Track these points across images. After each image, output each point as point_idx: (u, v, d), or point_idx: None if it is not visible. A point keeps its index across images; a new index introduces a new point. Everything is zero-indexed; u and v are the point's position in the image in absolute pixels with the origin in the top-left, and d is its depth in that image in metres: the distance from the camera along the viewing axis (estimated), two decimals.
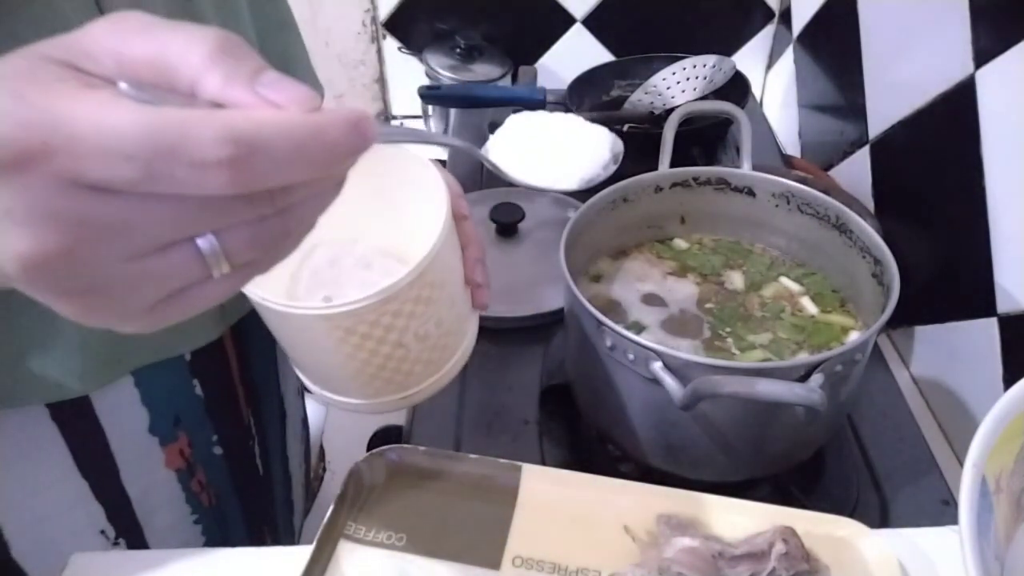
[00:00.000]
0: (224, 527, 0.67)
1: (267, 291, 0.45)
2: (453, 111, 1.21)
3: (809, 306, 0.71)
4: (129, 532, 0.60)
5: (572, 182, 0.78)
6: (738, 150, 0.77)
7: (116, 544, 0.60)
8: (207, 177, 0.26)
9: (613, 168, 0.81)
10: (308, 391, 0.53)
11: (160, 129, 0.25)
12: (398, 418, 0.83)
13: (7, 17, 0.42)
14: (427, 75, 1.23)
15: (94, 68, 0.27)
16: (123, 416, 0.57)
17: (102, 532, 0.59)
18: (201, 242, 0.28)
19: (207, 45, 0.27)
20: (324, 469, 1.20)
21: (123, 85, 0.26)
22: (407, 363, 0.48)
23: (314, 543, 0.50)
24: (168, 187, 0.26)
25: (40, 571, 0.57)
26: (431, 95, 1.10)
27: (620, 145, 0.83)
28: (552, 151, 0.81)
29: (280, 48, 0.66)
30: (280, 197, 0.28)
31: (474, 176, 1.08)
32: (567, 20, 1.26)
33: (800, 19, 1.17)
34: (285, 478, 0.79)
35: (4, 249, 0.26)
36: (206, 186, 0.26)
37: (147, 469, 0.60)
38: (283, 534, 0.80)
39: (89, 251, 0.27)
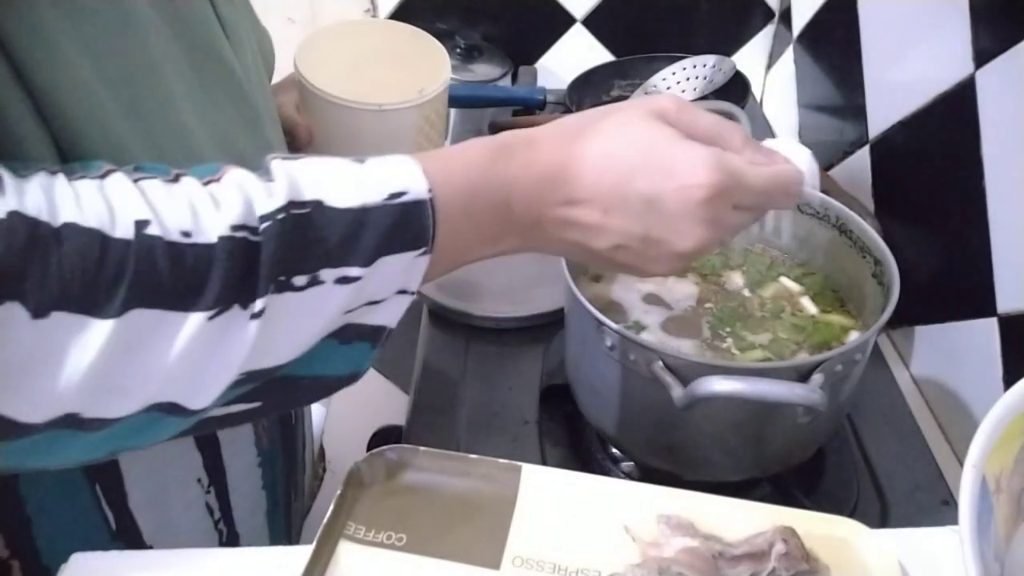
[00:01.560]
0: (273, 472, 0.68)
1: None
2: (453, 111, 1.21)
3: (809, 306, 0.71)
4: (218, 480, 0.62)
5: None
6: None
7: (208, 493, 0.61)
8: (789, 200, 0.50)
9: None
10: None
11: (779, 179, 0.48)
12: (398, 418, 0.83)
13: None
14: None
15: (680, 129, 0.46)
16: None
17: (199, 481, 0.60)
18: (730, 235, 0.49)
19: (740, 133, 0.48)
20: (324, 469, 1.20)
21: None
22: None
23: (314, 543, 0.50)
24: (767, 207, 0.50)
25: (152, 524, 0.59)
26: None
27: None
28: None
29: None
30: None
31: None
32: (567, 20, 1.26)
33: (800, 19, 1.17)
34: (303, 434, 0.80)
35: (689, 237, 0.45)
36: (787, 204, 0.51)
37: None
38: (299, 493, 0.81)
39: (717, 241, 0.47)
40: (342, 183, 0.40)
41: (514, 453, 0.70)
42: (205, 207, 0.37)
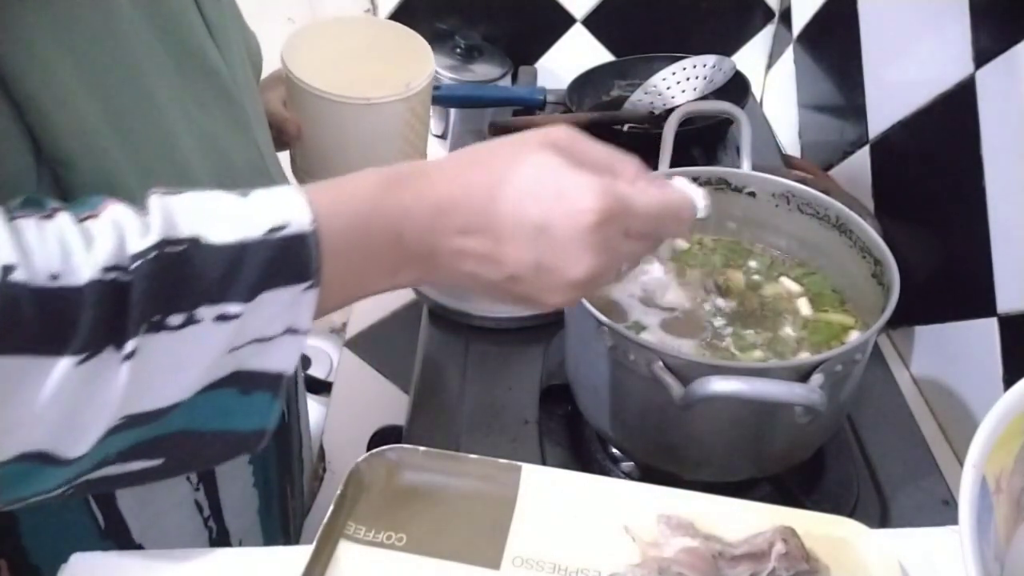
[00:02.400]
0: (265, 470, 0.69)
1: None
2: (453, 111, 1.21)
3: (803, 307, 0.71)
4: (207, 478, 0.62)
5: None
6: (738, 150, 0.77)
7: (197, 490, 0.61)
8: (680, 226, 0.49)
9: None
10: None
11: (669, 205, 0.48)
12: (398, 418, 0.83)
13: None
14: None
15: (569, 159, 0.45)
16: None
17: (188, 479, 0.61)
18: (624, 267, 0.50)
19: (634, 164, 0.48)
20: (324, 469, 1.20)
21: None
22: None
23: (314, 543, 0.50)
24: (660, 233, 0.50)
25: (140, 522, 0.59)
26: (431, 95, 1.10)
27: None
28: None
29: None
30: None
31: None
32: (567, 20, 1.26)
33: (800, 19, 1.17)
34: (299, 432, 0.81)
35: (579, 265, 0.44)
36: (678, 230, 0.54)
37: None
38: (297, 492, 0.82)
39: (610, 269, 0.46)
40: (221, 218, 0.40)
41: (514, 453, 0.70)
42: (76, 246, 0.36)
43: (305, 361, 1.44)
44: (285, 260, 0.40)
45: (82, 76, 0.44)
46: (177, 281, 0.38)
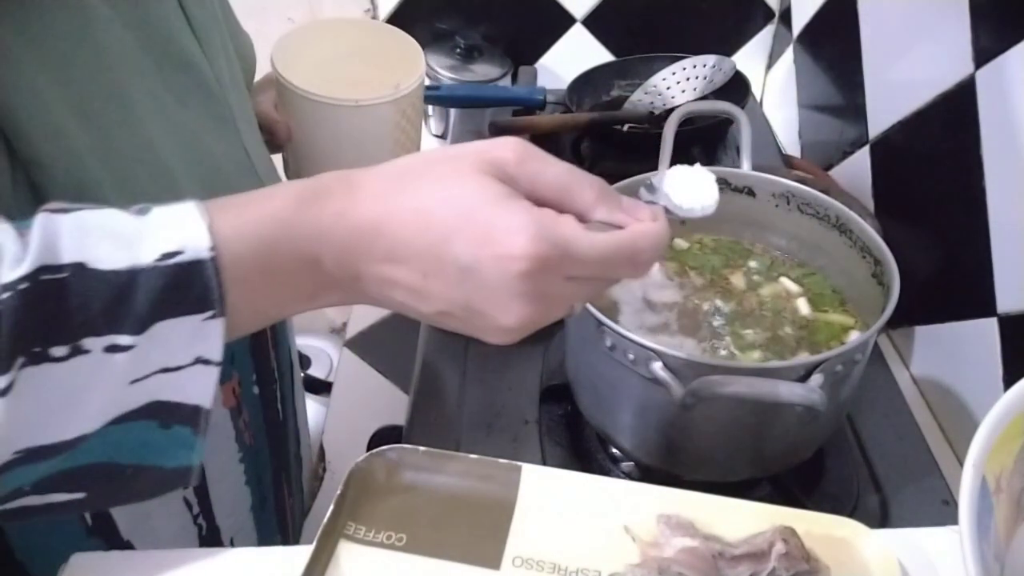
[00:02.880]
0: (257, 467, 0.68)
1: None
2: (453, 111, 1.21)
3: (803, 307, 0.71)
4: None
5: None
6: (738, 150, 0.77)
7: (186, 487, 0.60)
8: (639, 268, 0.42)
9: None
10: None
11: (622, 247, 0.41)
12: (398, 418, 0.83)
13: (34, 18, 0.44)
14: (427, 75, 1.23)
15: (513, 185, 0.41)
16: None
17: None
18: (576, 304, 0.44)
19: (594, 187, 0.42)
20: (324, 469, 1.20)
21: (595, 221, 0.42)
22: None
23: (314, 543, 0.50)
24: (612, 276, 0.44)
25: (129, 519, 0.58)
26: (431, 95, 1.10)
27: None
28: None
29: None
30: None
31: None
32: (567, 20, 1.26)
33: (800, 19, 1.17)
34: (296, 430, 0.81)
35: (508, 313, 0.40)
36: (637, 273, 0.43)
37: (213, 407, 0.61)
38: (295, 490, 0.82)
39: (548, 314, 0.41)
40: (112, 241, 0.37)
41: (514, 453, 0.70)
42: None
43: (305, 361, 1.44)
44: (179, 288, 0.37)
45: (53, 75, 0.44)
46: (55, 312, 0.35)
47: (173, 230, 0.38)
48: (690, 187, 0.48)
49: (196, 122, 0.54)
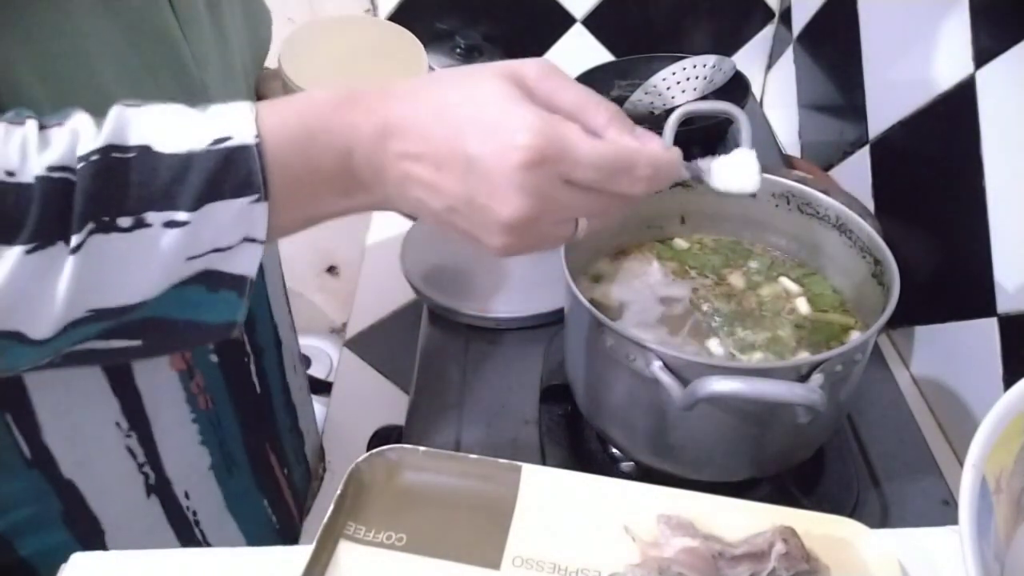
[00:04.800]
0: (220, 431, 0.70)
1: None
2: None
3: (802, 307, 0.71)
4: (140, 426, 0.63)
5: None
6: None
7: (128, 436, 0.63)
8: (635, 185, 0.44)
9: None
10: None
11: (620, 157, 0.43)
12: (398, 418, 0.83)
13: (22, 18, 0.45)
14: None
15: (531, 96, 0.43)
16: None
17: (117, 424, 0.62)
18: (581, 221, 0.46)
19: (609, 110, 0.45)
20: (324, 469, 1.20)
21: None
22: None
23: (314, 543, 0.50)
24: (610, 189, 0.44)
25: (69, 459, 0.61)
26: None
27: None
28: None
29: None
30: (634, 200, 0.46)
31: None
32: (567, 20, 1.26)
33: (800, 19, 1.17)
34: (287, 405, 0.82)
35: (506, 205, 0.42)
36: (632, 190, 0.44)
37: (154, 368, 0.63)
38: (294, 462, 0.85)
39: (546, 217, 0.43)
40: (174, 129, 0.41)
41: (514, 453, 0.70)
42: (33, 149, 0.39)
43: (305, 361, 1.44)
44: (229, 171, 0.41)
45: (14, 33, 0.44)
46: (122, 184, 0.40)
47: (226, 120, 0.42)
48: (734, 169, 0.52)
49: (166, 95, 0.54)
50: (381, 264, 1.14)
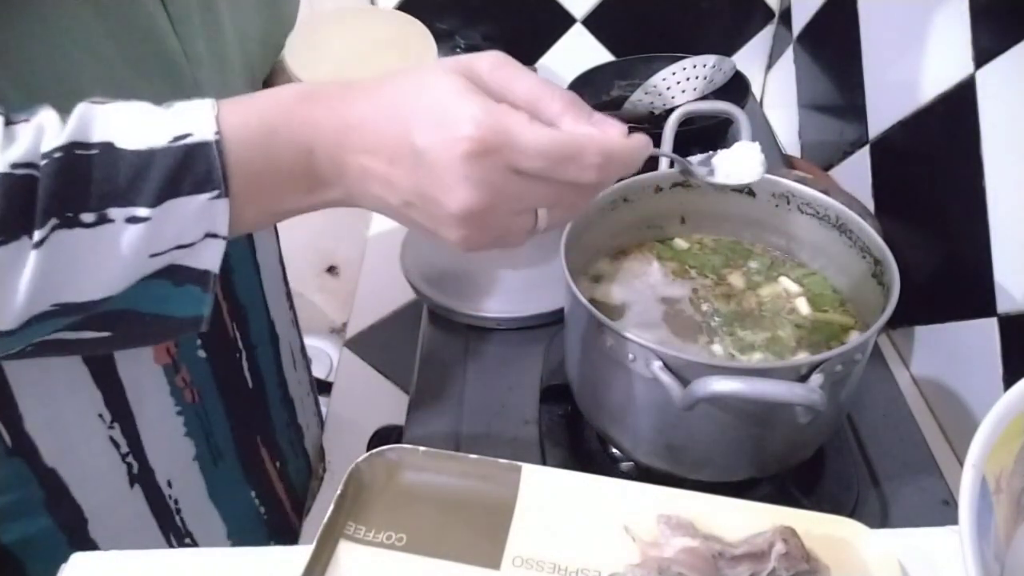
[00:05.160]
0: (207, 424, 0.71)
1: None
2: None
3: (802, 307, 0.71)
4: (123, 418, 0.64)
5: None
6: None
7: (111, 428, 0.63)
8: (584, 173, 0.43)
9: None
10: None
11: (567, 144, 0.43)
12: (398, 418, 0.83)
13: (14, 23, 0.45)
14: None
15: (484, 89, 0.43)
16: None
17: (100, 416, 0.63)
18: (540, 212, 0.46)
19: (564, 99, 0.44)
20: (324, 469, 1.20)
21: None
22: None
23: (314, 543, 0.50)
24: (560, 177, 0.43)
25: (51, 448, 0.61)
26: None
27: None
28: None
29: None
30: (592, 190, 0.46)
31: None
32: (567, 20, 1.26)
33: (800, 19, 1.17)
34: (284, 400, 0.82)
35: (455, 197, 0.42)
36: (582, 178, 0.44)
37: (137, 361, 0.64)
38: (290, 455, 0.85)
39: (498, 208, 0.43)
40: (137, 126, 0.42)
41: (514, 453, 0.70)
42: None
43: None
44: (188, 167, 0.42)
45: None
46: (84, 180, 0.41)
47: (187, 117, 0.43)
48: (738, 159, 0.52)
49: (155, 93, 0.54)
50: (381, 264, 1.14)
